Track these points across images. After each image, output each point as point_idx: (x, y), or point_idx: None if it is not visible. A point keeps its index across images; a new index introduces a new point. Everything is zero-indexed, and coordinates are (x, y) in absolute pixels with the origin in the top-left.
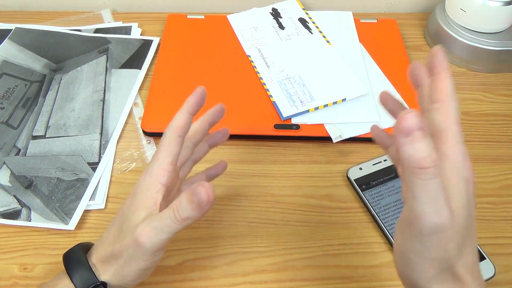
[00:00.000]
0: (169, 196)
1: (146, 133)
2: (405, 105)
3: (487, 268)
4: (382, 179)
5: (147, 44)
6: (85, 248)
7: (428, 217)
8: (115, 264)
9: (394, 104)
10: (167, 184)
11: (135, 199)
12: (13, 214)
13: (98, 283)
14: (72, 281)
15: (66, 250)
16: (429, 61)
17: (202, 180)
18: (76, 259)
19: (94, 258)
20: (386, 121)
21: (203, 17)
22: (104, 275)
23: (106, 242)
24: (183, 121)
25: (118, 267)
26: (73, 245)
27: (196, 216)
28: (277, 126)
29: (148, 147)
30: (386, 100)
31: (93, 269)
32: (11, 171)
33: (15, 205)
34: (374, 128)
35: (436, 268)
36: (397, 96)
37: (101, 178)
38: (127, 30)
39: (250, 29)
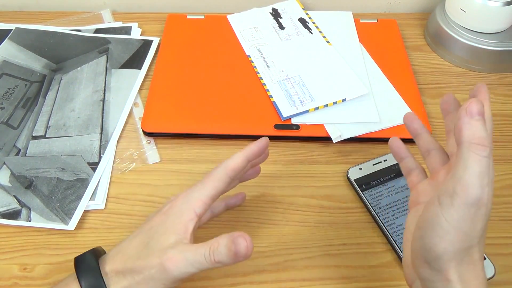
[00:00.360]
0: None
1: (146, 133)
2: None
3: (487, 268)
4: (382, 179)
5: (147, 44)
6: (97, 254)
7: (475, 188)
8: (131, 279)
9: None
10: (200, 216)
11: (166, 220)
12: (13, 214)
13: None
14: (81, 287)
15: (67, 250)
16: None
17: (221, 207)
18: (88, 265)
19: (108, 267)
20: (386, 121)
21: (203, 17)
22: (115, 286)
23: (126, 255)
24: (239, 165)
25: (133, 282)
26: (85, 250)
27: (229, 264)
28: (277, 126)
29: (148, 147)
30: (447, 105)
31: (104, 279)
32: (11, 171)
33: (15, 205)
34: (394, 140)
35: (463, 242)
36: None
37: (101, 178)
38: (127, 30)
39: (250, 29)
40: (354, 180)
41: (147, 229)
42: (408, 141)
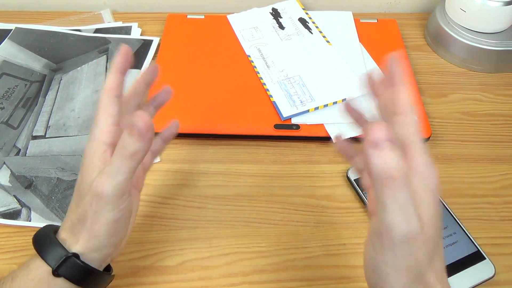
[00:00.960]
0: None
1: None
2: (367, 115)
3: (487, 268)
4: None
5: (147, 44)
6: (53, 228)
7: (399, 226)
8: (84, 228)
9: (357, 113)
10: (112, 143)
11: (84, 165)
12: (13, 214)
13: (69, 255)
14: (44, 259)
15: None
16: (388, 70)
17: (158, 143)
18: (44, 237)
19: (63, 232)
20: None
21: (203, 17)
22: (75, 246)
23: (69, 213)
24: (114, 81)
25: (87, 230)
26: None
27: (142, 147)
28: (277, 126)
29: None
30: (349, 110)
31: (62, 243)
32: (11, 171)
33: (15, 205)
34: (338, 138)
35: (408, 277)
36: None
37: None
38: (127, 30)
39: (250, 29)
40: (354, 180)
41: (76, 185)
42: None
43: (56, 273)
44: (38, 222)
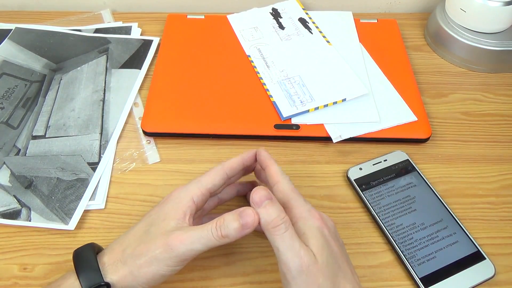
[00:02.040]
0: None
1: (146, 133)
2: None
3: (487, 268)
4: (382, 179)
5: (147, 44)
6: (95, 248)
7: (292, 261)
8: (132, 263)
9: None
10: (198, 205)
11: (165, 207)
12: (13, 214)
13: (102, 283)
14: (79, 279)
15: (66, 250)
16: (259, 160)
17: (214, 201)
18: (85, 257)
19: (107, 257)
20: (386, 121)
21: (203, 17)
22: (113, 275)
23: (126, 243)
24: (236, 165)
25: (135, 267)
26: (83, 244)
27: (235, 237)
28: (277, 126)
29: (148, 147)
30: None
31: (101, 269)
32: (11, 171)
33: (15, 205)
34: (257, 170)
35: None
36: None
37: (101, 178)
38: (127, 30)
39: (250, 29)
40: (354, 180)
41: (146, 218)
42: (404, 141)
43: None
44: (38, 222)
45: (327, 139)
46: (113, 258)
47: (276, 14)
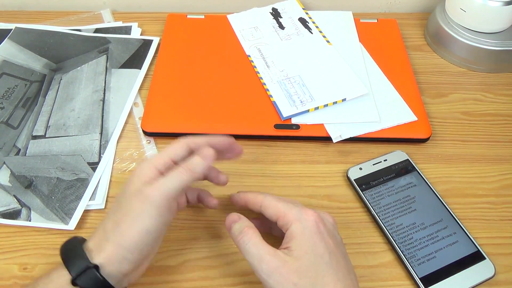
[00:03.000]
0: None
1: (146, 133)
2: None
3: (487, 268)
4: (382, 179)
5: (147, 44)
6: (81, 239)
7: (258, 267)
8: (115, 235)
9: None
10: (161, 172)
11: (130, 179)
12: (13, 214)
13: (90, 266)
14: (67, 268)
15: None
16: (235, 203)
17: (194, 194)
18: (71, 247)
19: (91, 243)
20: (386, 121)
21: (203, 17)
22: (99, 256)
23: (104, 224)
24: (199, 141)
25: (119, 235)
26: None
27: (202, 169)
28: (277, 126)
29: (148, 147)
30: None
31: (87, 254)
32: (11, 171)
33: (15, 205)
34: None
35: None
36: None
37: (101, 178)
38: (127, 30)
39: (250, 29)
40: (354, 180)
41: (115, 198)
42: (404, 140)
43: (74, 283)
44: (38, 222)
45: (327, 139)
46: (97, 240)
47: (276, 14)
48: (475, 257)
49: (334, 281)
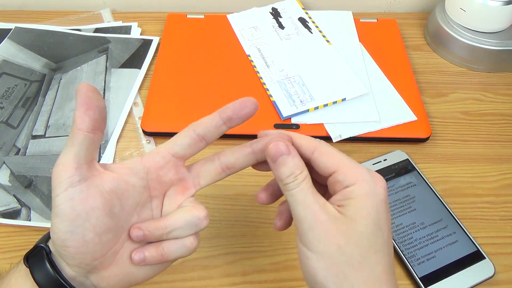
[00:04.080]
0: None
1: (146, 133)
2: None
3: (486, 268)
4: None
5: (147, 43)
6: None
7: (300, 215)
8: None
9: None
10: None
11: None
12: (13, 214)
13: (40, 244)
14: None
15: None
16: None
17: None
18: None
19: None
20: (386, 121)
21: (203, 16)
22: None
23: None
24: (207, 121)
25: (52, 225)
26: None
27: (85, 114)
28: (277, 126)
29: (148, 147)
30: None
31: (43, 244)
32: (10, 170)
33: (14, 204)
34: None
35: (331, 265)
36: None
37: None
38: (127, 30)
39: (250, 28)
40: None
41: None
42: (404, 140)
43: (26, 263)
44: (38, 221)
45: (327, 138)
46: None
47: (276, 14)
48: (475, 257)
49: (385, 261)
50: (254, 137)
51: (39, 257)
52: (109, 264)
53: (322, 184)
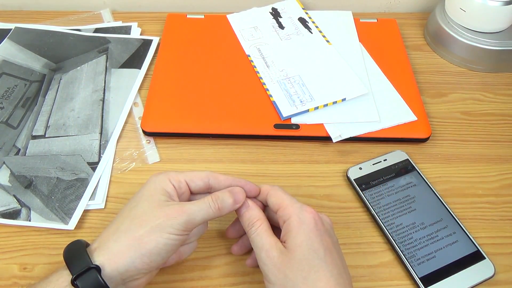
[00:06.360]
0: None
1: (146, 133)
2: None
3: (486, 268)
4: (382, 179)
5: (146, 43)
6: (84, 242)
7: (258, 255)
8: (128, 237)
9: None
10: (176, 188)
11: (145, 187)
12: (13, 214)
13: (92, 266)
14: (69, 268)
15: None
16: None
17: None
18: (74, 248)
19: (95, 243)
20: (386, 121)
21: (203, 16)
22: (102, 255)
23: (114, 227)
24: (222, 179)
25: (134, 239)
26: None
27: (229, 210)
28: (277, 126)
29: (148, 147)
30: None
31: (90, 254)
32: (10, 170)
33: (14, 205)
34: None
35: None
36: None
37: (101, 178)
38: (127, 30)
39: (250, 28)
40: (354, 179)
41: (126, 205)
42: (404, 140)
43: (74, 283)
44: (38, 222)
45: (327, 138)
46: (103, 240)
47: (276, 14)
48: (475, 257)
49: (327, 277)
50: (254, 137)
51: (90, 275)
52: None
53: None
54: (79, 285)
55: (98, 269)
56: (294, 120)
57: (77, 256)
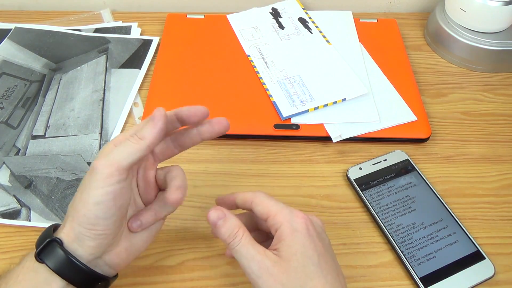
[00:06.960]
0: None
1: None
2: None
3: (486, 268)
4: (382, 179)
5: (146, 43)
6: (56, 225)
7: (248, 268)
8: (70, 209)
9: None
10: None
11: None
12: (13, 214)
13: (51, 239)
14: (36, 247)
15: None
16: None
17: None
18: (45, 230)
19: (62, 225)
20: (386, 121)
21: (203, 16)
22: (61, 232)
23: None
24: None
25: (74, 210)
26: None
27: (152, 136)
28: (277, 126)
29: None
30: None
31: (52, 233)
32: (10, 170)
33: (14, 205)
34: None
35: None
36: None
37: None
38: (127, 30)
39: (250, 28)
40: (354, 179)
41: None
42: (404, 140)
43: (39, 258)
44: (38, 222)
45: (327, 138)
46: (64, 220)
47: (276, 14)
48: (475, 257)
49: (322, 283)
50: (254, 137)
51: (52, 248)
52: (119, 240)
53: (266, 231)
54: (45, 260)
55: (59, 242)
56: (294, 120)
57: (43, 235)
